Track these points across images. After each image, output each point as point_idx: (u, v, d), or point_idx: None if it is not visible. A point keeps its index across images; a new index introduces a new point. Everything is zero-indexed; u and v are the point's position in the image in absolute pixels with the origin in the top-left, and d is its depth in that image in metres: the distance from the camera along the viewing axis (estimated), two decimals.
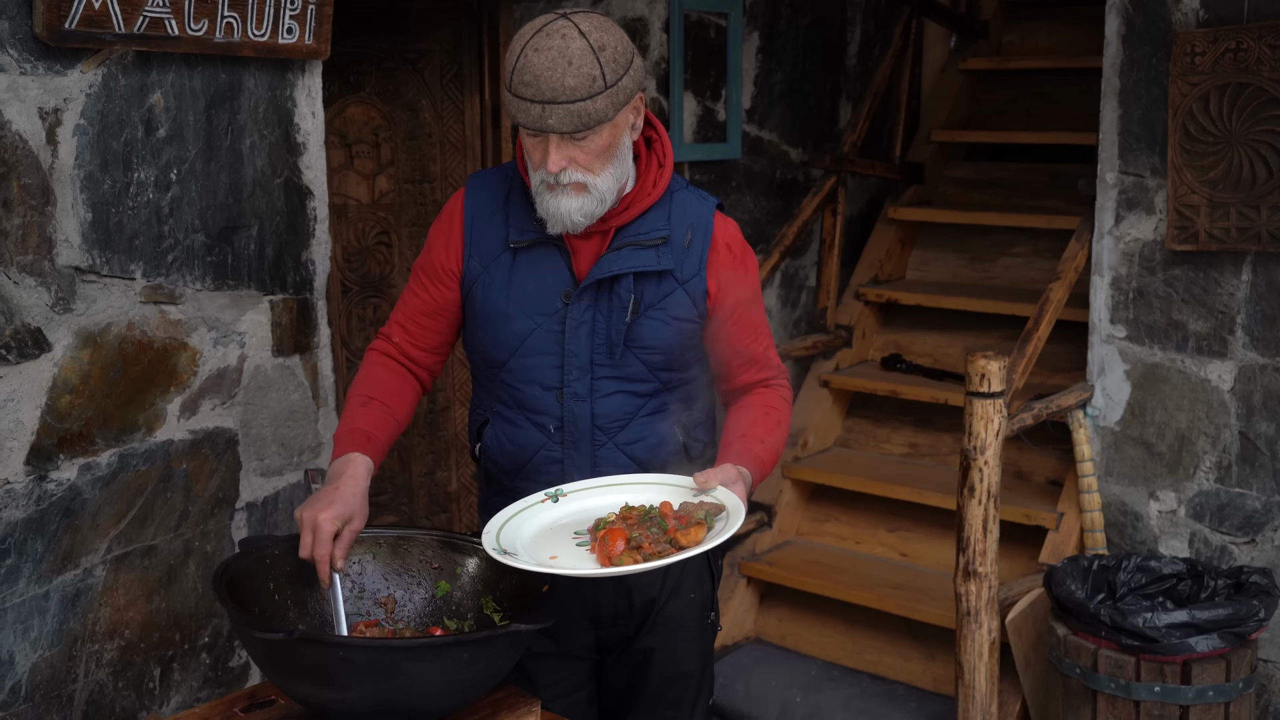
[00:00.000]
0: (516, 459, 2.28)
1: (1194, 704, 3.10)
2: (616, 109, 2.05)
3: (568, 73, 1.99)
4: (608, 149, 2.08)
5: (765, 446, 2.22)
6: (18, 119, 2.25)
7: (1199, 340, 3.63)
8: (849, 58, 5.04)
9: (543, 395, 2.23)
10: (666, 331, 2.21)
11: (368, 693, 1.83)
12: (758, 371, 2.32)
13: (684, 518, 1.99)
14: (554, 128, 2.02)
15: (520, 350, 2.22)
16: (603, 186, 2.10)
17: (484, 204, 2.25)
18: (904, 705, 3.85)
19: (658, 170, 2.22)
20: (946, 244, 4.96)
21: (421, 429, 3.75)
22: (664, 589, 2.36)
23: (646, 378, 2.24)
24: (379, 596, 2.16)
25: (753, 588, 4.35)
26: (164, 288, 2.52)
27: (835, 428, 4.69)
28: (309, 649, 1.83)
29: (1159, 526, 3.73)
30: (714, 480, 2.06)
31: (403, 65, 3.58)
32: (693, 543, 1.93)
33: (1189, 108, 3.48)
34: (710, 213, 2.25)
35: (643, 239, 2.19)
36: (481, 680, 1.93)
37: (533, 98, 2.01)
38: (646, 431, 2.26)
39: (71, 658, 2.45)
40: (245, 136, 2.63)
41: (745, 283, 2.27)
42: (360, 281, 3.55)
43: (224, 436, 2.69)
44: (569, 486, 2.14)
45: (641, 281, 2.19)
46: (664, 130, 2.26)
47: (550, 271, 2.20)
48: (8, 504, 2.31)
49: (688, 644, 2.41)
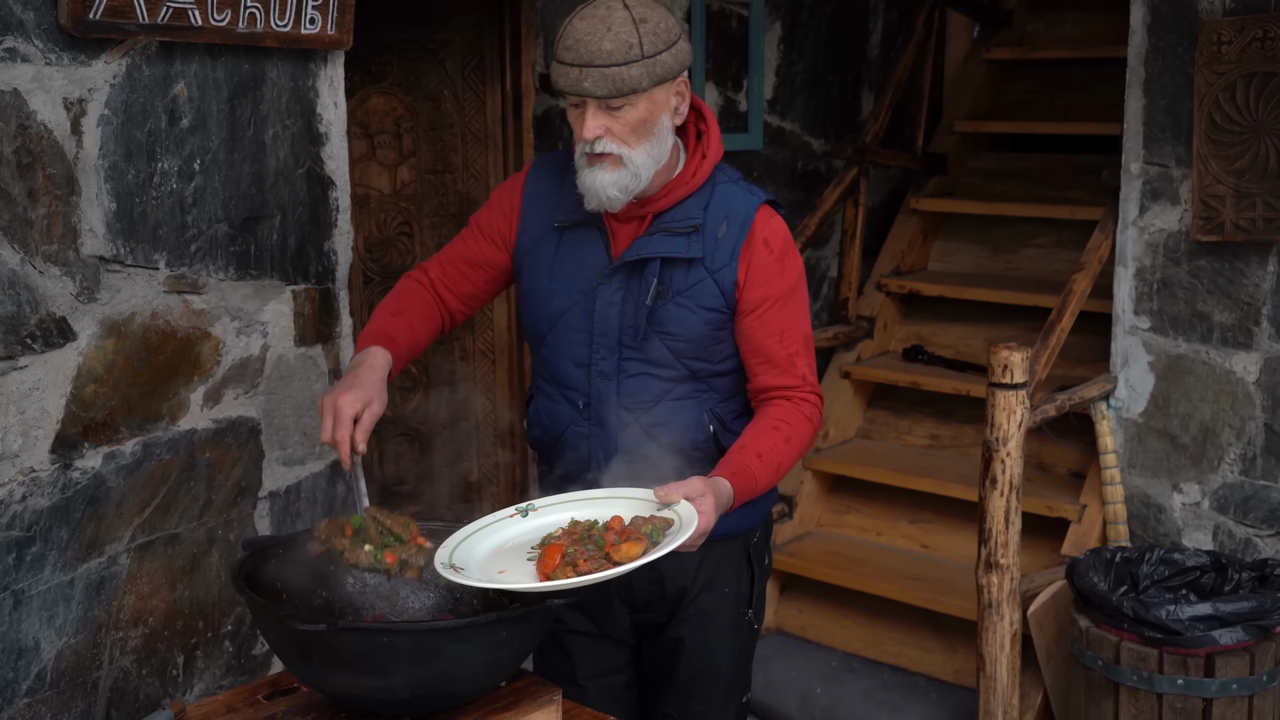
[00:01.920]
0: (552, 433, 2.35)
1: (1217, 697, 3.08)
2: (653, 81, 2.10)
3: (605, 38, 2.07)
4: (643, 123, 2.13)
5: (762, 462, 2.16)
6: (43, 109, 2.26)
7: (1224, 331, 3.60)
8: (871, 48, 5.02)
9: (574, 371, 2.29)
10: (692, 319, 2.23)
11: (409, 678, 1.85)
12: (779, 376, 2.26)
13: (626, 533, 1.95)
14: (589, 91, 2.09)
15: (557, 326, 2.29)
16: (638, 161, 2.14)
17: (543, 183, 2.34)
18: (925, 697, 3.84)
19: (700, 160, 2.27)
20: (969, 235, 4.93)
21: (443, 419, 3.76)
22: (696, 580, 2.37)
23: (671, 363, 2.26)
24: (382, 589, 2.17)
25: (773, 579, 4.35)
26: (187, 277, 2.53)
27: (856, 419, 4.68)
28: (352, 638, 1.83)
29: (1182, 519, 3.71)
30: (675, 494, 2.01)
31: (424, 56, 3.58)
32: (626, 558, 1.90)
33: (1215, 97, 3.46)
34: (754, 207, 2.26)
35: (676, 226, 2.23)
36: (515, 658, 1.96)
37: (572, 61, 2.09)
38: (673, 416, 2.28)
39: (96, 645, 2.47)
40: (268, 127, 2.64)
41: (778, 281, 2.24)
42: (382, 272, 3.56)
43: (247, 426, 2.70)
44: (540, 501, 2.14)
45: (670, 268, 2.22)
46: (714, 123, 2.31)
47: (589, 252, 2.27)
48: (33, 492, 2.32)
49: (719, 638, 2.41)
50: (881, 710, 3.80)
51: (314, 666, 1.91)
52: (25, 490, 2.31)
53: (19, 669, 2.34)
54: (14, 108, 2.21)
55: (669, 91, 2.16)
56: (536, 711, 2.01)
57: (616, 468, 2.24)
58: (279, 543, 2.13)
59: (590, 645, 2.43)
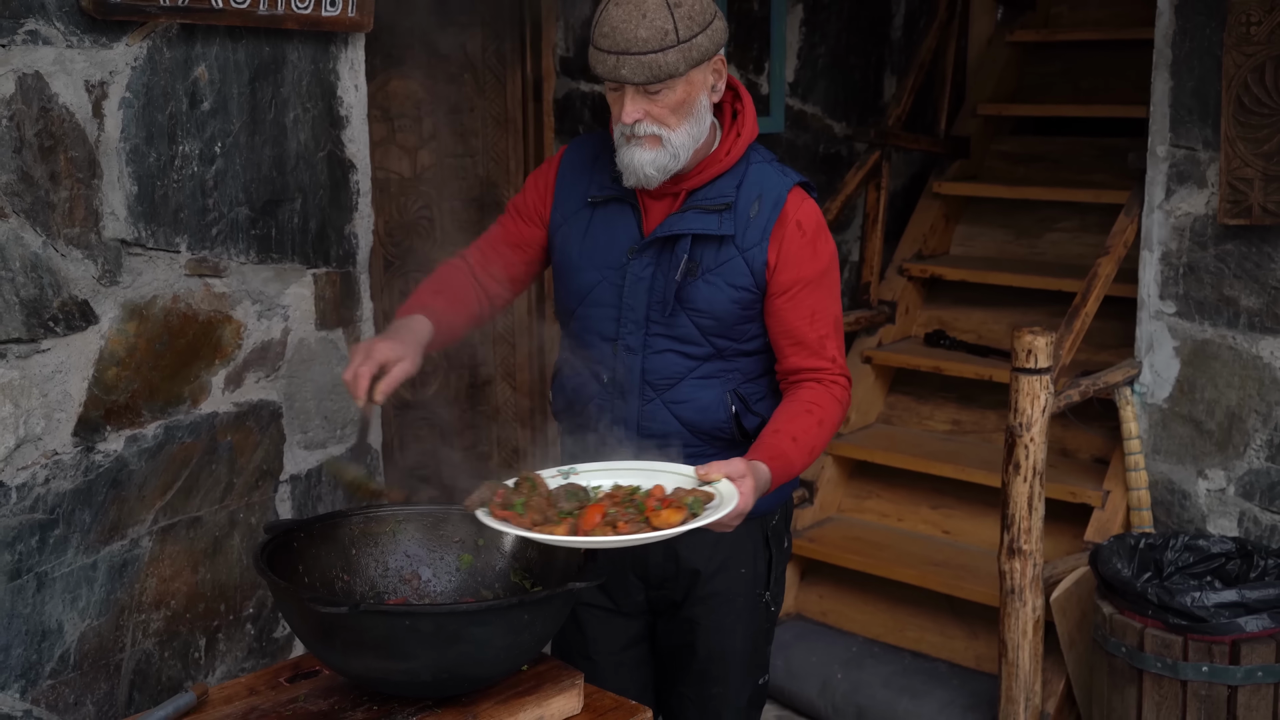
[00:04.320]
0: (575, 405, 2.37)
1: (1242, 684, 3.06)
2: (689, 65, 2.11)
3: (641, 25, 2.07)
4: (682, 104, 2.14)
5: (797, 445, 2.18)
6: (64, 92, 2.26)
7: (1251, 316, 3.57)
8: (894, 30, 4.98)
9: (601, 345, 2.30)
10: (721, 297, 2.24)
11: (431, 661, 1.85)
12: (808, 358, 2.27)
13: (668, 500, 1.97)
14: (626, 78, 2.10)
15: (586, 300, 2.31)
16: (677, 141, 2.16)
17: (578, 161, 2.36)
18: (946, 683, 3.83)
19: (734, 139, 2.27)
20: (992, 219, 4.90)
21: (462, 403, 3.76)
22: (711, 560, 2.37)
23: (699, 341, 2.26)
24: (404, 573, 2.17)
25: (794, 564, 4.34)
26: (208, 261, 2.53)
27: (877, 404, 4.66)
28: (374, 621, 1.83)
29: (1207, 505, 3.68)
30: (717, 472, 2.04)
31: (445, 39, 3.57)
32: (665, 524, 1.92)
33: (1244, 79, 3.41)
34: (788, 188, 2.26)
35: (708, 203, 2.24)
36: (537, 642, 1.96)
37: (609, 49, 2.10)
38: (696, 394, 2.28)
39: (119, 627, 2.48)
40: (289, 110, 2.63)
41: (810, 263, 2.25)
42: (402, 256, 3.55)
43: (268, 409, 2.70)
44: (582, 467, 2.16)
45: (701, 245, 2.23)
46: (750, 103, 2.31)
47: (621, 228, 2.28)
48: (56, 475, 2.33)
49: (734, 620, 2.41)
50: (902, 696, 3.79)
51: (336, 649, 1.91)
52: (48, 473, 2.32)
53: (43, 650, 2.35)
54: (36, 90, 2.21)
55: (706, 71, 2.17)
56: (558, 695, 2.01)
57: (636, 443, 2.26)
58: (301, 526, 2.13)
59: (604, 620, 2.44)
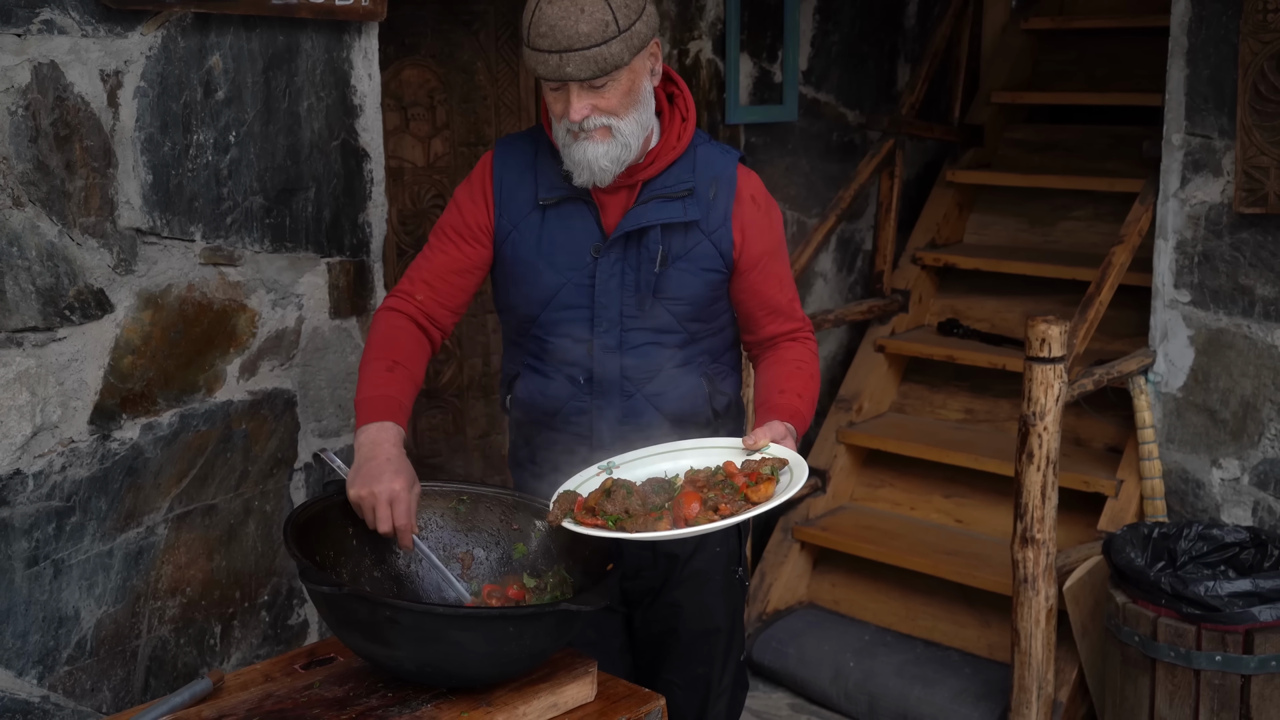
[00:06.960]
0: (546, 410, 2.33)
1: (1256, 674, 3.05)
2: (632, 53, 2.09)
3: (580, 19, 2.03)
4: (628, 94, 2.12)
5: (803, 401, 2.27)
6: (80, 81, 2.26)
7: (1266, 305, 3.55)
8: (908, 18, 4.96)
9: (573, 348, 2.27)
10: (694, 282, 2.25)
11: (414, 653, 1.87)
12: (784, 322, 2.36)
13: (752, 474, 2.01)
14: (572, 75, 2.06)
15: (551, 305, 2.26)
16: (627, 130, 2.13)
17: (512, 164, 2.28)
18: (958, 671, 3.83)
19: (680, 124, 2.26)
20: (1005, 208, 4.88)
21: (476, 392, 3.76)
22: (687, 542, 2.38)
23: (675, 329, 2.27)
24: (456, 552, 2.18)
25: (806, 553, 4.34)
26: (223, 249, 2.54)
27: (890, 393, 4.65)
28: (359, 605, 1.86)
29: (1221, 495, 3.67)
30: (764, 439, 2.10)
31: (457, 27, 3.56)
32: (764, 498, 1.96)
33: (1260, 66, 3.40)
34: (733, 166, 2.28)
35: (669, 191, 2.23)
36: (529, 655, 1.95)
37: (549, 48, 2.05)
38: (674, 383, 2.30)
39: (135, 614, 2.49)
40: (303, 99, 2.64)
41: (770, 234, 2.31)
42: (415, 244, 3.55)
43: (282, 397, 2.71)
44: (620, 458, 2.15)
45: (669, 233, 2.23)
46: (684, 84, 2.30)
47: (579, 227, 2.24)
48: (73, 462, 2.34)
49: (715, 599, 2.44)
50: (915, 684, 3.79)
51: (335, 625, 1.95)
52: (64, 461, 2.33)
53: (59, 637, 2.37)
54: (51, 80, 2.22)
55: (645, 57, 2.15)
56: (572, 683, 2.01)
57: (619, 441, 2.25)
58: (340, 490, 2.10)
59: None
